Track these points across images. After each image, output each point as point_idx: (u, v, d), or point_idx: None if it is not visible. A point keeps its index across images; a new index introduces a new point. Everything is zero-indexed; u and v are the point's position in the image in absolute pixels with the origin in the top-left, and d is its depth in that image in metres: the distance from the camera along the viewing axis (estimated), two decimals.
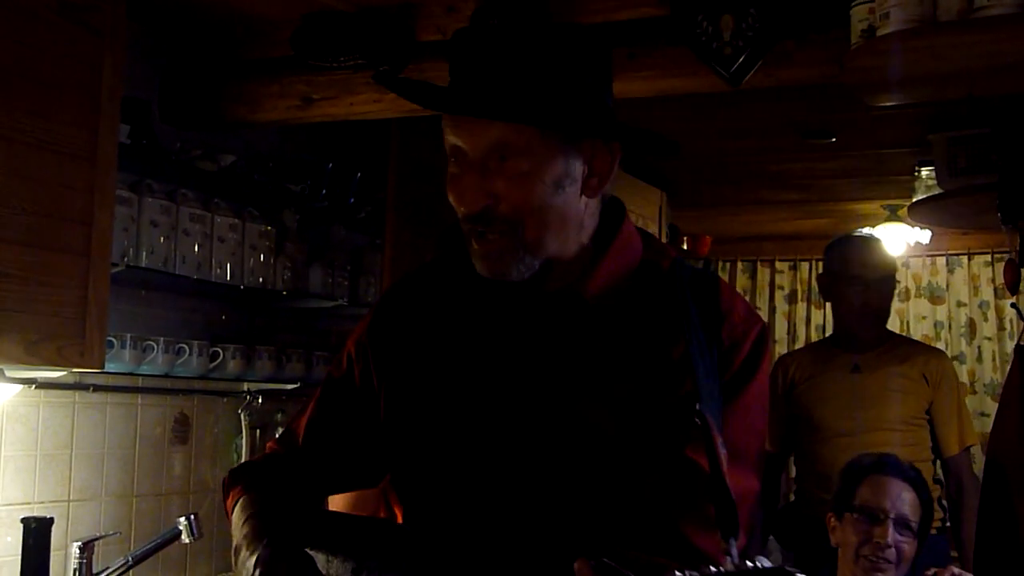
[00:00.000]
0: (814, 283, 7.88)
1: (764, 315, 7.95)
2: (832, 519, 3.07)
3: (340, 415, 1.84)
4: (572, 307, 1.69)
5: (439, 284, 1.79)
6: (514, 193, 1.60)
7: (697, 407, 1.51)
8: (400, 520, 1.87)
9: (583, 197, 1.67)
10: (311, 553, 1.64)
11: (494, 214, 1.60)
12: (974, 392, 7.28)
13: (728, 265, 8.11)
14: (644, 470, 1.61)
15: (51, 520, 2.27)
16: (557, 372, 1.66)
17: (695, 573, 1.22)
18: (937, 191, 4.53)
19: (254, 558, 1.60)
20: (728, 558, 1.34)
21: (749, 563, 1.23)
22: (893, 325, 4.66)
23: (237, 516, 1.78)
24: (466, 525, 1.67)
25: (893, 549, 2.86)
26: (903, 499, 2.99)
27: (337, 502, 2.43)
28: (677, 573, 1.22)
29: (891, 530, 2.88)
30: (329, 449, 1.85)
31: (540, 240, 1.63)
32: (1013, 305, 3.28)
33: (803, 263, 7.94)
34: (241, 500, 1.81)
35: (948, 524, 4.08)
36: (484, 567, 1.63)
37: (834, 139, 5.06)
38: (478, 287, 1.71)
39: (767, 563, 1.22)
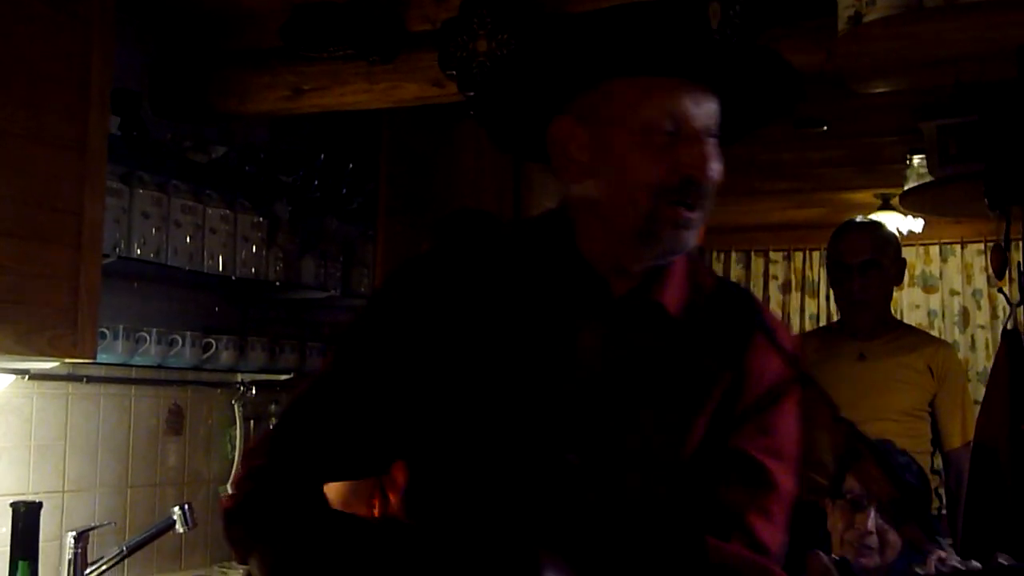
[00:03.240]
0: (808, 272, 7.89)
1: None
2: (828, 503, 3.08)
3: (347, 412, 1.69)
4: (654, 318, 1.64)
5: (469, 274, 1.68)
6: (721, 169, 1.59)
7: None
8: (396, 503, 1.82)
9: None
10: None
11: (710, 186, 1.58)
12: (969, 380, 7.29)
13: (722, 255, 8.12)
14: (706, 463, 1.62)
15: (40, 504, 2.28)
16: (625, 379, 1.62)
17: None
18: (929, 179, 4.54)
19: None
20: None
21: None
22: None
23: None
24: (505, 518, 1.60)
25: (875, 536, 2.87)
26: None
27: (332, 490, 2.42)
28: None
29: (871, 517, 2.89)
30: (337, 449, 1.71)
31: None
32: (1000, 290, 3.29)
33: (797, 253, 7.95)
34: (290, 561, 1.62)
35: (944, 512, 4.08)
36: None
37: (825, 127, 5.07)
38: (513, 279, 1.65)
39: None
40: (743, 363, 1.64)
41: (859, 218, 4.39)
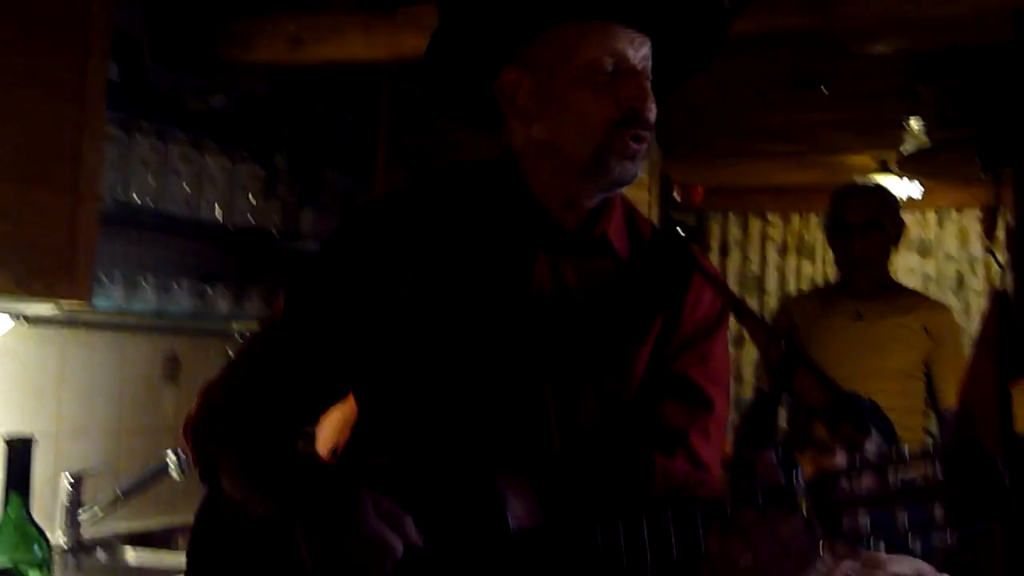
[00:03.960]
0: (805, 235, 7.91)
1: (755, 267, 8.00)
2: (798, 456, 3.11)
3: (302, 351, 1.77)
4: (602, 255, 1.75)
5: (423, 214, 1.77)
6: (655, 109, 1.70)
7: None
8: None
9: None
10: None
11: (651, 118, 1.69)
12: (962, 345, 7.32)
13: (720, 216, 8.12)
14: (650, 388, 1.74)
15: (31, 438, 2.33)
16: (576, 310, 1.72)
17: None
18: (926, 142, 4.56)
19: (364, 512, 1.53)
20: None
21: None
22: None
23: (257, 480, 1.69)
24: (465, 449, 1.68)
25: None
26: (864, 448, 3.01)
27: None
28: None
29: (838, 455, 2.92)
30: (292, 388, 1.79)
31: None
32: (990, 251, 3.32)
33: (794, 215, 7.96)
34: (245, 461, 1.73)
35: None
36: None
37: (824, 90, 5.07)
38: (467, 217, 1.75)
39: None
40: (682, 298, 1.77)
41: (861, 180, 4.41)
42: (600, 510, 1.57)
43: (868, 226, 3.96)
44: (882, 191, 4.23)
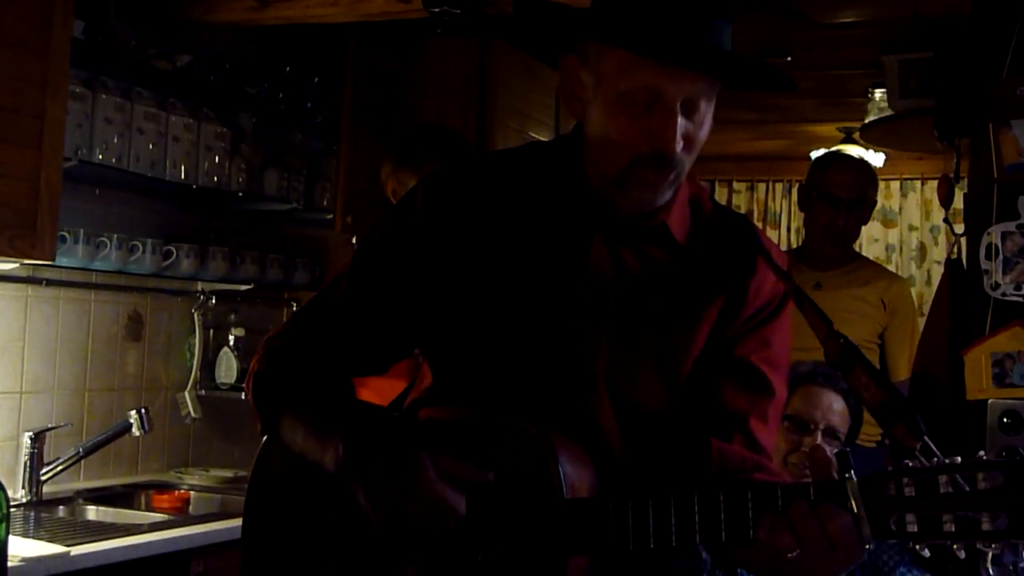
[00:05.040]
0: (771, 203, 7.96)
1: None
2: None
3: (367, 311, 1.80)
4: (660, 242, 1.75)
5: (488, 190, 1.78)
6: (697, 142, 1.68)
7: None
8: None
9: None
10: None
11: (677, 157, 1.65)
12: (923, 314, 7.39)
13: None
14: (709, 371, 1.77)
15: None
16: (633, 292, 1.73)
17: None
18: (889, 113, 4.59)
19: (425, 472, 1.56)
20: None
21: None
22: None
23: (318, 433, 1.71)
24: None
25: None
26: (834, 410, 3.05)
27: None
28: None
29: (819, 440, 2.95)
30: (353, 343, 1.82)
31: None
32: (946, 220, 3.36)
33: (760, 184, 8.02)
34: (304, 419, 1.75)
35: (887, 442, 4.17)
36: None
37: (790, 58, 5.10)
38: (527, 196, 1.76)
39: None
40: (746, 283, 1.76)
41: (846, 151, 4.42)
42: (653, 487, 1.61)
43: (856, 204, 3.99)
44: (868, 167, 4.24)
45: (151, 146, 3.70)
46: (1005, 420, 2.92)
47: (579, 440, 1.67)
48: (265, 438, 1.83)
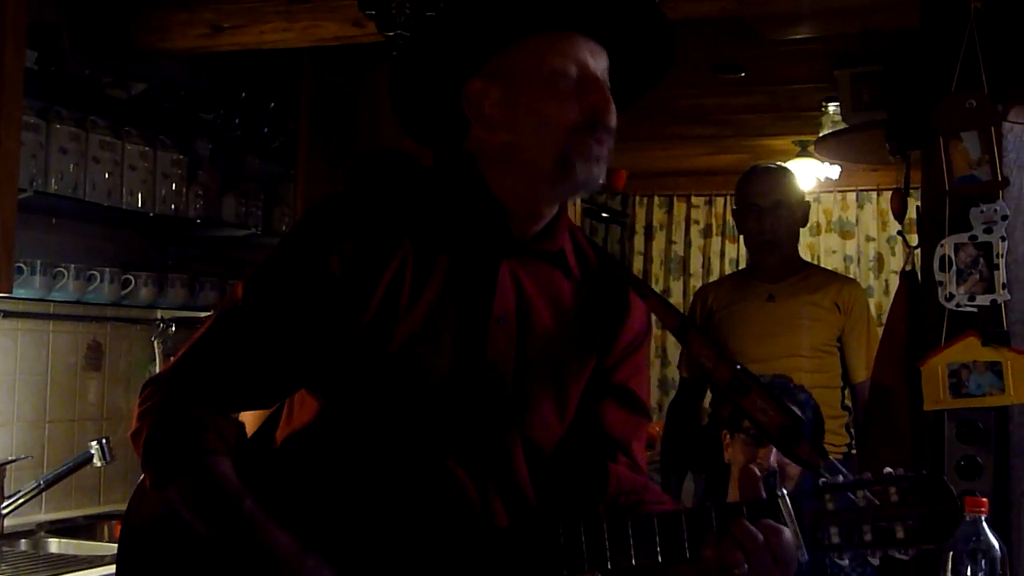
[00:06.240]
0: (728, 217, 7.99)
1: (680, 249, 8.08)
2: (726, 436, 3.15)
3: (259, 345, 1.72)
4: (559, 266, 1.82)
5: (386, 213, 1.74)
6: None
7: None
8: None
9: None
10: None
11: (615, 124, 1.76)
12: (881, 324, 7.43)
13: (645, 200, 8.19)
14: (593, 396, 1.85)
15: None
16: (535, 318, 1.77)
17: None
18: (843, 126, 4.63)
19: None
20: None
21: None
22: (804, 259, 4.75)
23: (209, 523, 1.68)
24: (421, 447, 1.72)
25: (777, 471, 2.94)
26: None
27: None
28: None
29: (773, 453, 2.97)
30: (246, 380, 1.73)
31: None
32: (900, 233, 3.39)
33: (718, 198, 8.05)
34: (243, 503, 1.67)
35: (855, 452, 4.19)
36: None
37: (744, 74, 5.13)
38: (429, 219, 1.75)
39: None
40: (624, 314, 1.87)
41: (763, 164, 4.48)
42: (565, 514, 1.69)
43: (775, 207, 4.04)
44: (785, 171, 4.30)
45: (107, 175, 3.69)
46: (962, 430, 2.94)
47: (492, 474, 1.72)
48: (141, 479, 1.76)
